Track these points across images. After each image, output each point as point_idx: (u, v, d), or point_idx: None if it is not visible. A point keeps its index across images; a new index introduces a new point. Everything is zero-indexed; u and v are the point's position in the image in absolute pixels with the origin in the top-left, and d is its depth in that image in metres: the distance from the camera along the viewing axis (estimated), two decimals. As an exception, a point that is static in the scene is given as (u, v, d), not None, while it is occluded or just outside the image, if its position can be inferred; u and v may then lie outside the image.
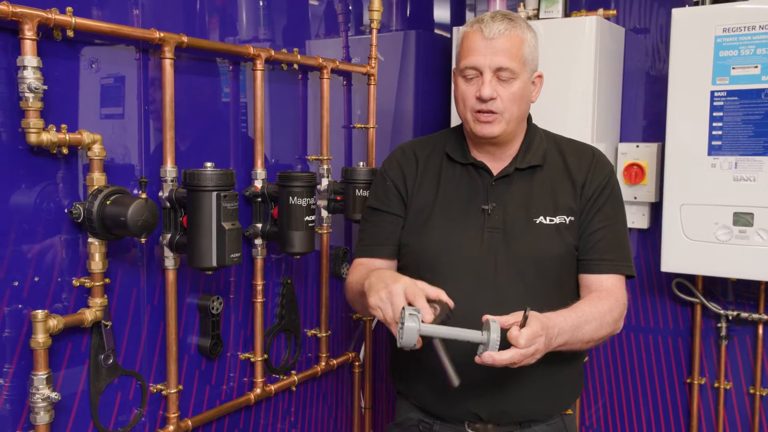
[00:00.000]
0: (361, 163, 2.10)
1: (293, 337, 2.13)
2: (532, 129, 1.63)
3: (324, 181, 2.12)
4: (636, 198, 2.40)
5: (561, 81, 2.27)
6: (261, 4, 2.01)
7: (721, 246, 2.08)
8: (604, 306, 1.50)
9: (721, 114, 2.06)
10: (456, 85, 1.56)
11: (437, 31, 2.79)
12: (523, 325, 1.30)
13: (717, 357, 2.41)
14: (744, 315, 2.32)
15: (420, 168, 1.65)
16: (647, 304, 2.52)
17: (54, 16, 1.37)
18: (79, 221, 1.46)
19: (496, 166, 1.60)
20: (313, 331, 2.20)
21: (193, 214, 1.59)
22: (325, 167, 2.12)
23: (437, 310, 1.31)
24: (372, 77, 2.28)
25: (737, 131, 2.04)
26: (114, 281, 1.59)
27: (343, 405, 2.42)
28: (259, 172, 1.91)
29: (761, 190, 2.01)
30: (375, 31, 2.24)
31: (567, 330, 1.40)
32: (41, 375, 1.40)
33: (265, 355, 1.99)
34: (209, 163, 1.60)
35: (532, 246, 1.54)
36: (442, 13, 2.82)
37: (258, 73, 1.87)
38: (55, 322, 1.41)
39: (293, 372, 2.11)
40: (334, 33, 2.29)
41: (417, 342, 1.26)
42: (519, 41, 1.50)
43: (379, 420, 2.61)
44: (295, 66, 2.01)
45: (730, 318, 2.35)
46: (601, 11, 2.35)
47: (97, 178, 1.47)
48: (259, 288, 1.95)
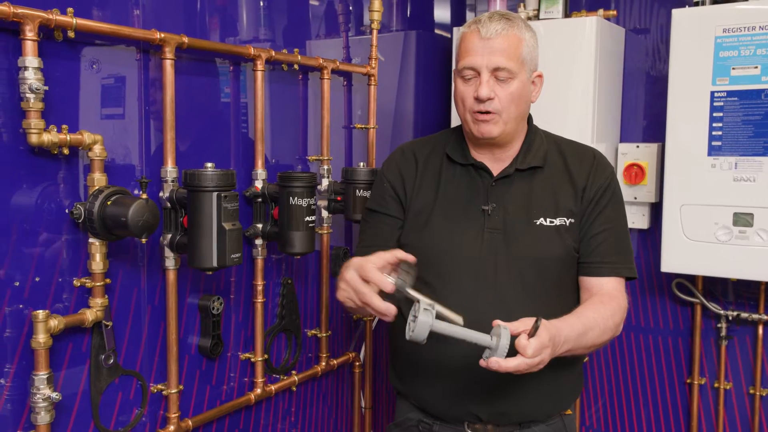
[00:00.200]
0: (362, 164, 2.10)
1: (293, 338, 2.13)
2: (532, 130, 1.63)
3: (324, 182, 2.12)
4: (636, 198, 2.40)
5: (561, 81, 2.27)
6: (261, 4, 2.01)
7: (721, 246, 2.08)
8: (606, 311, 1.50)
9: (721, 114, 2.06)
10: (455, 86, 1.57)
11: (437, 32, 2.79)
12: (533, 335, 1.30)
13: (717, 357, 2.41)
14: (744, 315, 2.33)
15: (420, 169, 1.65)
16: (647, 304, 2.52)
17: (55, 16, 1.37)
18: (80, 221, 1.46)
19: (496, 166, 1.60)
20: (314, 331, 2.20)
21: (194, 214, 1.60)
22: (326, 167, 2.12)
23: (400, 272, 1.32)
24: (372, 77, 2.28)
25: (737, 132, 2.04)
26: (115, 281, 1.59)
27: (344, 405, 2.42)
28: (260, 172, 1.91)
29: (761, 190, 2.02)
30: (375, 32, 2.24)
31: (572, 339, 1.41)
32: (42, 375, 1.40)
33: (266, 355, 2.00)
34: (210, 164, 1.61)
35: (532, 247, 1.54)
36: (442, 14, 2.82)
37: (258, 74, 1.87)
38: (56, 322, 1.41)
39: (293, 372, 2.12)
40: (334, 33, 2.29)
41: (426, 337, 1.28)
42: (516, 41, 1.50)
43: (380, 420, 2.61)
44: (296, 66, 2.01)
45: (730, 318, 2.35)
46: (601, 12, 2.35)
47: (98, 178, 1.47)
48: (260, 288, 1.95)
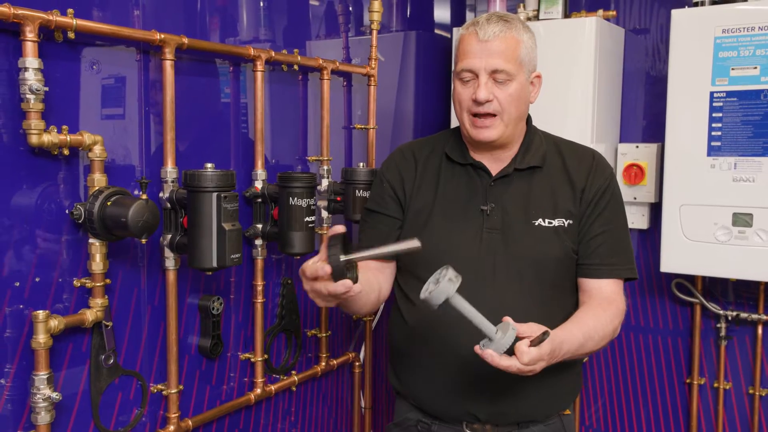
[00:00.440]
0: (361, 164, 2.10)
1: (293, 338, 2.14)
2: (531, 130, 1.63)
3: (324, 182, 2.12)
4: (635, 198, 2.40)
5: (561, 82, 2.27)
6: (261, 5, 2.01)
7: (721, 246, 2.08)
8: (606, 318, 1.51)
9: (721, 115, 2.06)
10: (454, 88, 1.56)
11: (437, 32, 2.79)
12: (536, 344, 1.30)
13: (716, 357, 2.41)
14: (743, 315, 2.33)
15: (419, 169, 1.65)
16: (647, 304, 2.52)
17: (55, 17, 1.38)
18: (80, 222, 1.47)
19: (495, 166, 1.60)
20: (313, 332, 2.20)
21: (194, 214, 1.60)
22: (325, 168, 2.13)
23: (330, 249, 1.27)
24: (372, 78, 2.28)
25: (736, 132, 2.04)
26: (115, 282, 1.59)
27: (343, 405, 2.43)
28: (260, 172, 1.91)
29: (760, 190, 2.02)
30: (375, 32, 2.24)
31: (572, 351, 1.43)
32: (42, 375, 1.40)
33: (266, 356, 2.00)
34: (209, 164, 1.61)
35: (530, 247, 1.54)
36: (442, 14, 2.82)
37: (258, 74, 1.87)
38: (56, 322, 1.42)
39: (293, 372, 2.12)
40: (334, 34, 2.29)
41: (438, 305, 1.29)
42: (514, 43, 1.49)
43: (379, 420, 2.61)
44: (296, 67, 2.01)
45: (729, 318, 2.35)
46: (601, 12, 2.35)
47: (98, 179, 1.48)
48: (260, 288, 1.95)
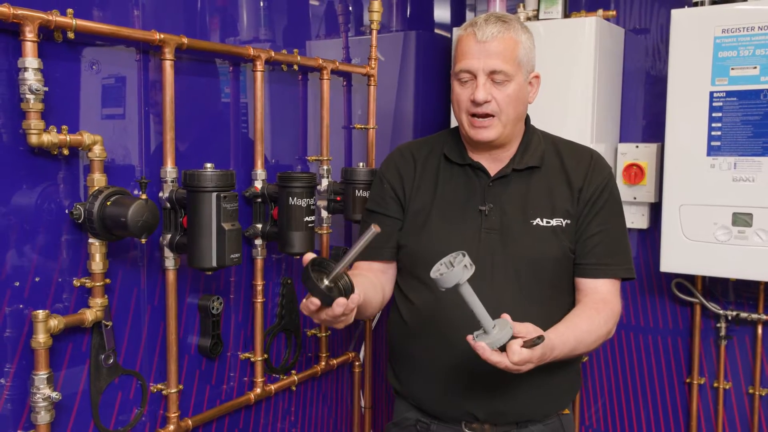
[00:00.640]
0: (361, 164, 2.10)
1: (293, 337, 2.14)
2: (530, 130, 1.63)
3: (324, 182, 2.13)
4: (635, 198, 2.40)
5: (561, 81, 2.27)
6: (261, 5, 2.01)
7: (721, 246, 2.08)
8: (600, 320, 1.51)
9: (720, 114, 2.06)
10: (452, 88, 1.56)
11: (437, 32, 2.79)
12: (528, 346, 1.31)
13: (716, 357, 2.41)
14: (743, 315, 2.33)
15: (418, 169, 1.65)
16: (647, 304, 2.52)
17: (55, 17, 1.38)
18: (80, 222, 1.47)
19: (493, 167, 1.60)
20: (313, 331, 2.21)
21: (193, 214, 1.60)
22: (325, 168, 2.13)
23: (315, 277, 1.33)
24: (372, 78, 2.28)
25: (736, 132, 2.04)
26: (114, 281, 1.59)
27: (343, 405, 2.43)
28: (259, 172, 1.91)
29: (760, 190, 2.02)
30: (375, 32, 2.24)
31: (563, 354, 1.43)
32: (42, 375, 1.41)
33: (265, 355, 2.00)
34: (209, 164, 1.61)
35: (528, 247, 1.54)
36: (442, 14, 2.82)
37: (258, 74, 1.87)
38: (56, 322, 1.42)
39: (293, 372, 2.12)
40: (334, 34, 2.29)
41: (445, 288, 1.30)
42: (513, 43, 1.49)
43: (379, 420, 2.61)
44: (295, 67, 2.01)
45: (729, 318, 2.35)
46: (601, 12, 2.35)
47: (98, 178, 1.48)
48: (259, 288, 1.95)
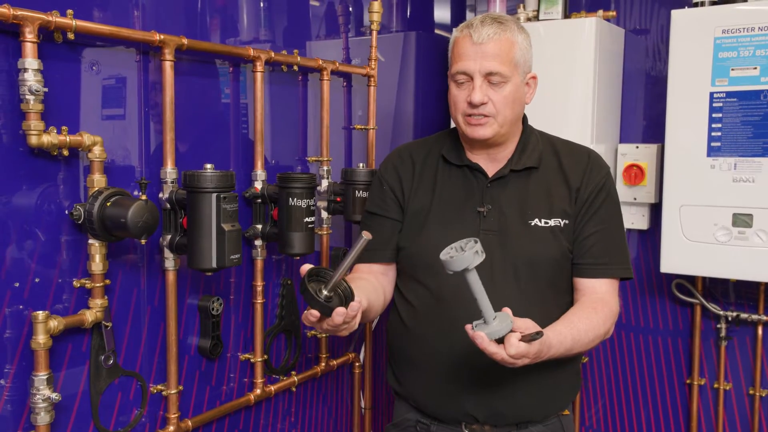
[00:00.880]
0: (361, 165, 2.10)
1: (293, 338, 2.14)
2: (527, 130, 1.63)
3: (324, 183, 2.12)
4: (635, 199, 2.40)
5: (561, 82, 2.27)
6: (261, 5, 2.01)
7: (721, 247, 2.08)
8: (598, 320, 1.51)
9: (721, 115, 2.06)
10: (449, 90, 1.56)
11: (437, 32, 2.79)
12: (526, 341, 1.31)
13: (717, 358, 2.41)
14: (744, 316, 2.33)
15: (416, 171, 1.65)
16: (647, 304, 2.52)
17: (55, 18, 1.38)
18: (80, 223, 1.47)
19: (491, 167, 1.60)
20: (313, 332, 2.20)
21: (193, 215, 1.60)
22: (325, 168, 2.13)
23: (313, 289, 1.31)
24: (372, 78, 2.28)
25: (736, 132, 2.04)
26: (114, 282, 1.59)
27: (343, 405, 2.43)
28: (259, 173, 1.91)
29: (760, 191, 2.02)
30: (375, 33, 2.24)
31: (560, 352, 1.43)
32: (42, 376, 1.40)
33: (265, 356, 2.00)
34: (209, 165, 1.61)
35: (527, 248, 1.54)
36: (442, 14, 2.82)
37: (258, 75, 1.87)
38: (56, 323, 1.42)
39: (293, 373, 2.12)
40: (334, 34, 2.29)
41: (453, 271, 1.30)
42: (509, 45, 1.49)
43: (379, 420, 2.61)
44: (295, 67, 2.01)
45: (729, 319, 2.35)
46: (601, 12, 2.35)
47: (98, 179, 1.48)
48: (259, 289, 1.95)
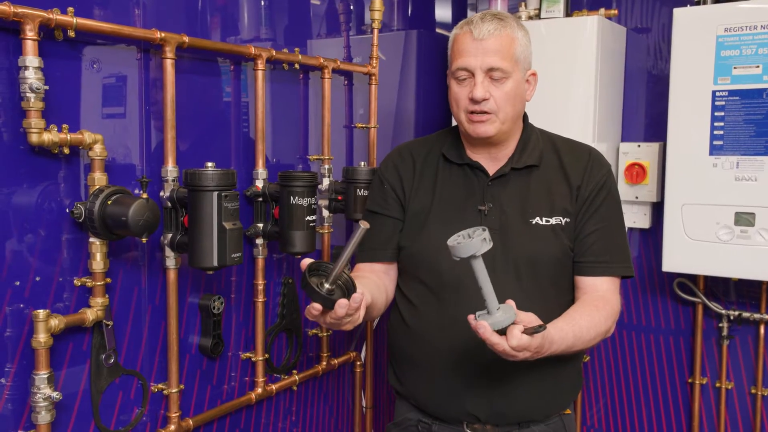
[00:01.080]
0: (362, 163, 2.10)
1: (294, 337, 2.13)
2: (528, 128, 1.63)
3: (325, 181, 2.12)
4: (637, 198, 2.39)
5: (562, 81, 2.27)
6: (262, 3, 2.01)
7: (723, 246, 2.08)
8: (600, 317, 1.51)
9: (723, 114, 2.05)
10: (450, 87, 1.56)
11: (438, 31, 2.78)
12: (529, 333, 1.30)
13: (718, 357, 2.40)
14: (745, 315, 2.32)
15: (417, 169, 1.65)
16: (648, 303, 2.52)
17: (55, 16, 1.37)
18: (81, 221, 1.46)
19: (492, 166, 1.60)
20: (314, 331, 2.20)
21: (194, 214, 1.60)
22: (327, 167, 2.12)
23: (313, 282, 1.33)
24: (373, 77, 2.27)
25: (739, 131, 2.03)
26: (115, 281, 1.59)
27: (344, 405, 2.42)
28: (261, 171, 1.91)
29: (763, 189, 2.01)
30: (376, 31, 2.24)
31: (561, 349, 1.42)
32: (42, 374, 1.40)
33: (266, 355, 1.99)
34: (210, 163, 1.61)
35: (528, 246, 1.54)
36: (443, 13, 2.81)
37: (259, 73, 1.87)
38: (57, 321, 1.41)
39: (294, 371, 2.11)
40: (335, 33, 2.29)
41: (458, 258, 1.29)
42: (509, 40, 1.49)
43: (380, 420, 2.60)
44: (297, 66, 2.00)
45: (731, 318, 2.35)
46: (603, 11, 2.35)
47: (99, 177, 1.47)
48: (261, 288, 1.95)
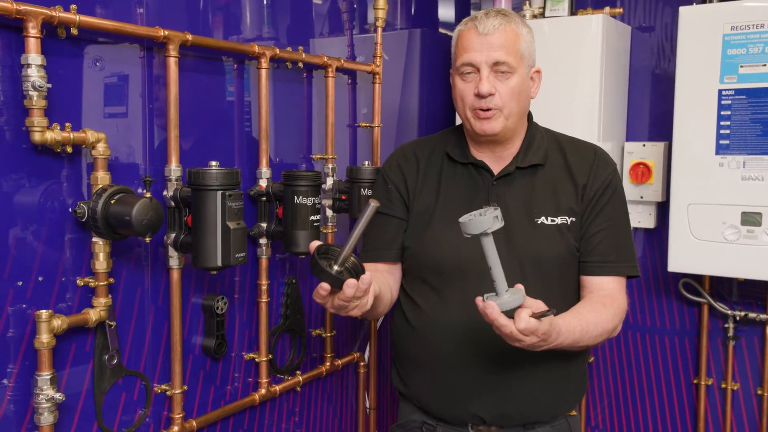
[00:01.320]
0: (366, 162, 2.09)
1: (298, 337, 2.12)
2: (532, 127, 1.62)
3: (329, 180, 2.11)
4: (642, 197, 2.38)
5: (567, 79, 2.26)
6: (265, 2, 1.99)
7: (729, 246, 2.07)
8: (607, 315, 1.50)
9: (729, 113, 2.04)
10: (454, 85, 1.55)
11: (441, 30, 2.77)
12: (536, 317, 1.29)
13: (724, 358, 2.39)
14: (752, 315, 2.31)
15: (421, 169, 1.64)
16: (653, 304, 2.50)
17: (58, 13, 1.36)
18: (84, 221, 1.45)
19: (496, 165, 1.59)
20: (318, 331, 2.19)
21: (198, 213, 1.58)
22: (330, 166, 2.11)
23: (322, 263, 1.31)
24: (377, 76, 2.26)
25: (745, 130, 2.02)
26: (118, 281, 1.58)
27: (348, 405, 2.41)
28: (264, 171, 1.90)
29: (770, 189, 2.00)
30: (380, 30, 2.23)
31: (567, 342, 1.41)
32: (45, 375, 1.39)
33: (270, 356, 1.98)
34: (214, 162, 1.59)
35: (533, 246, 1.53)
36: (446, 12, 2.81)
37: (263, 72, 1.86)
38: (59, 322, 1.40)
39: (298, 372, 2.10)
40: (338, 32, 2.28)
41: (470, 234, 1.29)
42: (514, 36, 1.49)
43: (384, 420, 2.59)
44: (300, 64, 1.99)
45: (737, 318, 2.34)
46: (608, 9, 2.33)
47: (102, 177, 1.46)
48: (264, 288, 1.94)
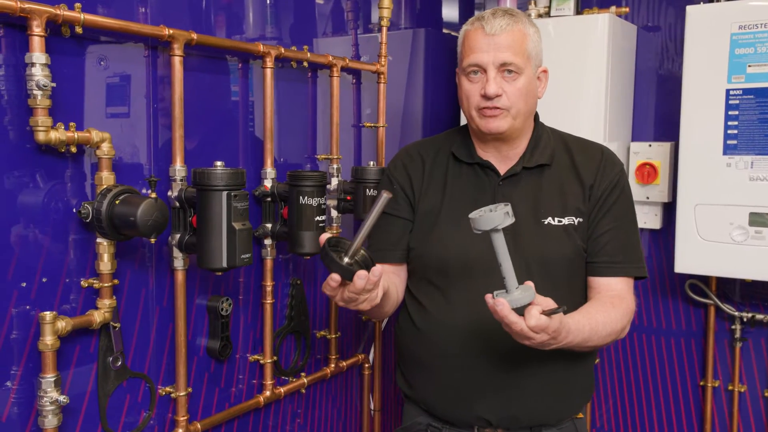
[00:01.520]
0: (371, 163, 2.08)
1: (303, 339, 2.11)
2: (539, 127, 1.61)
3: (334, 181, 2.10)
4: (648, 198, 2.37)
5: (573, 79, 2.24)
6: (268, 1, 1.98)
7: (737, 247, 2.05)
8: (617, 315, 1.48)
9: (737, 113, 2.03)
10: (460, 85, 1.54)
11: (446, 30, 2.77)
12: (547, 314, 1.27)
13: (731, 359, 2.38)
14: (759, 317, 2.30)
15: (426, 169, 1.63)
16: (660, 305, 2.49)
17: (62, 12, 1.35)
18: (88, 221, 1.44)
19: (503, 165, 1.58)
20: (323, 333, 2.18)
21: (203, 214, 1.57)
22: (335, 166, 2.10)
23: (333, 255, 1.30)
24: (382, 75, 2.25)
25: (753, 130, 2.01)
26: (123, 282, 1.56)
27: (353, 407, 2.40)
28: (269, 171, 1.88)
29: (778, 189, 1.99)
30: (385, 29, 2.22)
31: (576, 341, 1.39)
32: (49, 377, 1.38)
33: (275, 357, 1.97)
34: (219, 162, 1.58)
35: (540, 247, 1.51)
36: (450, 12, 2.80)
37: (267, 71, 1.84)
38: (63, 323, 1.39)
39: (303, 374, 2.09)
40: (341, 31, 2.26)
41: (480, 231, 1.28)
42: (521, 36, 1.47)
43: (389, 422, 2.58)
44: (305, 64, 1.98)
45: (744, 320, 2.32)
46: (614, 9, 2.33)
47: (106, 177, 1.45)
48: (269, 289, 1.92)
